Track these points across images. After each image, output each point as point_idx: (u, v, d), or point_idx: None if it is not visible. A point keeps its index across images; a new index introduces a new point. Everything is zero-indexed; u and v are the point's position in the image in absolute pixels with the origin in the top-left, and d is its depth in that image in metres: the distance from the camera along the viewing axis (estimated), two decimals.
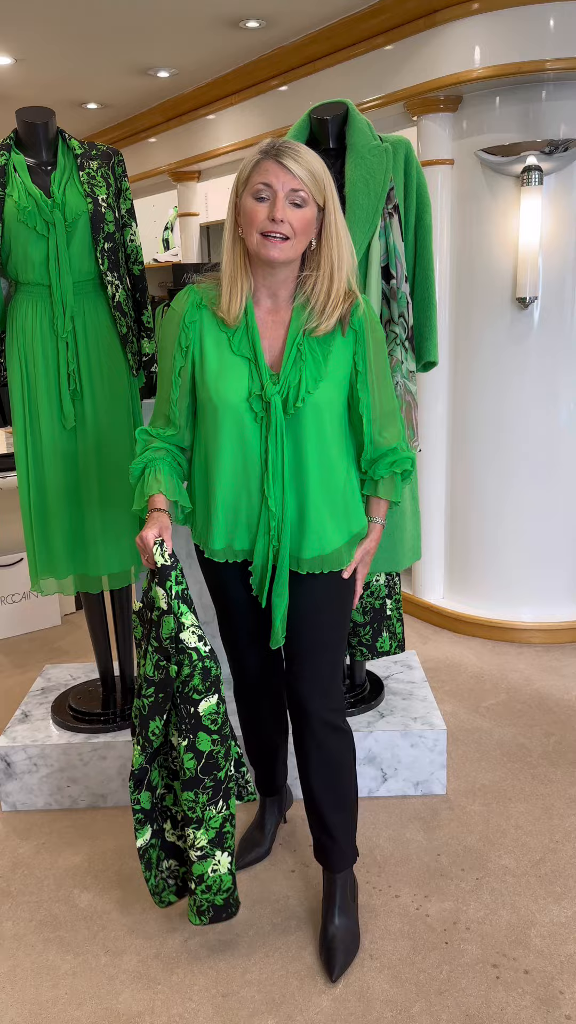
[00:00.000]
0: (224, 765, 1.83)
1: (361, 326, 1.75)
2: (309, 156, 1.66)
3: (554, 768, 2.73)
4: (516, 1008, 1.84)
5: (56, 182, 2.31)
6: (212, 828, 1.84)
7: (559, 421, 3.53)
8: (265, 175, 1.63)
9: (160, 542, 1.71)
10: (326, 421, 1.75)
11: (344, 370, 1.76)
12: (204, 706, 1.79)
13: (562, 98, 3.26)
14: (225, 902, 1.92)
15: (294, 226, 1.64)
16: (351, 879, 2.05)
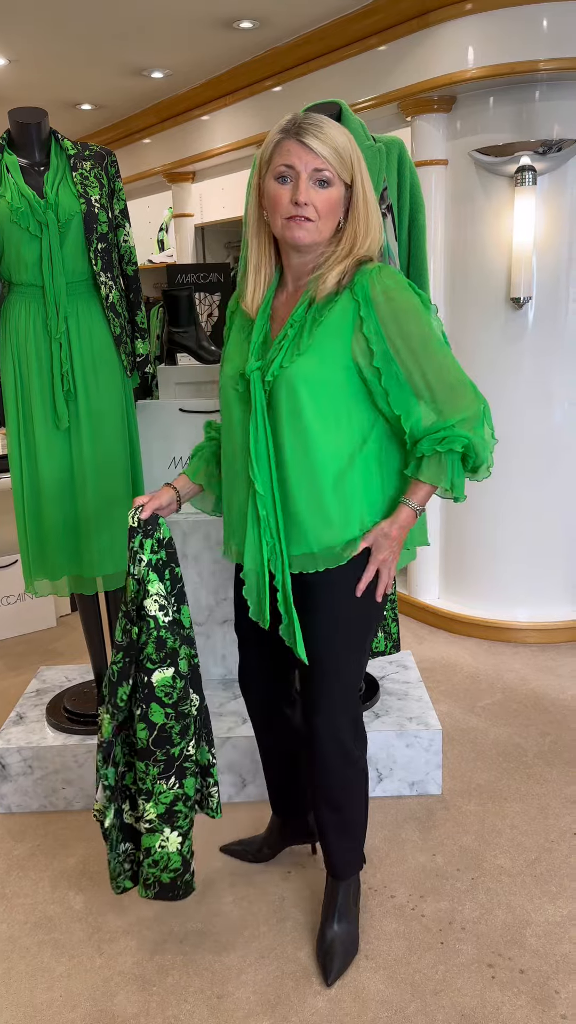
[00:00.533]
0: (179, 742, 1.80)
1: (366, 294, 1.58)
2: (334, 131, 1.56)
3: (550, 768, 2.73)
4: (511, 1008, 1.83)
5: (49, 183, 2.31)
6: (162, 803, 1.81)
7: (554, 421, 3.53)
8: (287, 156, 1.55)
9: (139, 508, 1.76)
10: (304, 397, 1.60)
11: (338, 343, 1.60)
12: (157, 676, 1.76)
13: (555, 98, 3.26)
14: (172, 882, 1.86)
15: (318, 208, 1.56)
16: (354, 884, 2.02)
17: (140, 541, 1.75)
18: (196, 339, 2.95)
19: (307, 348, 1.60)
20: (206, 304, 3.41)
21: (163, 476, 2.83)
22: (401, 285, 1.61)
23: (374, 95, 3.65)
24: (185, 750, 1.82)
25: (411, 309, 1.59)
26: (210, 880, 2.25)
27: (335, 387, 1.62)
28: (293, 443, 1.64)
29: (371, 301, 1.58)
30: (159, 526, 1.77)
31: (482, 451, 1.65)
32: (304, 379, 1.60)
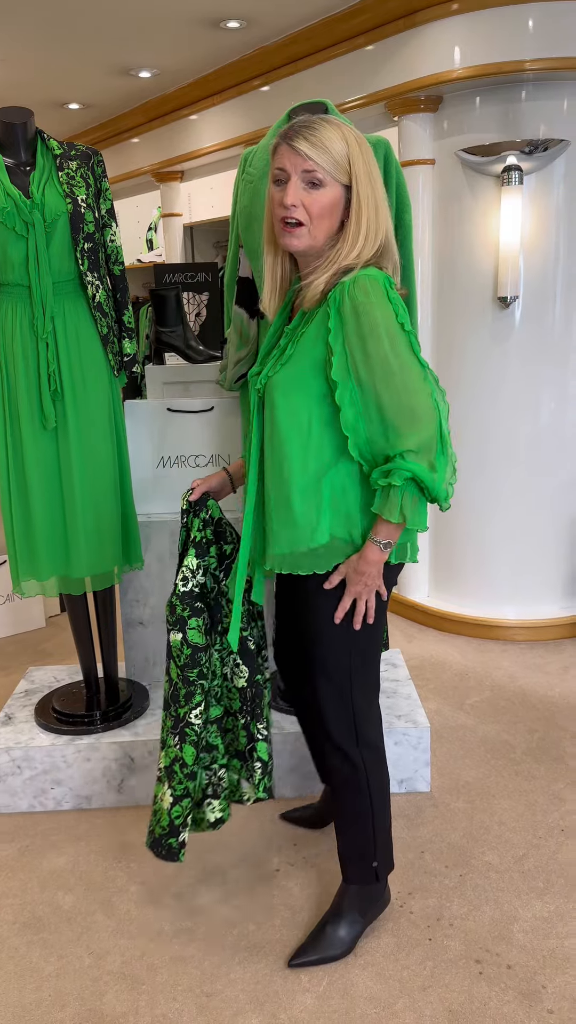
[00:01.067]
0: (184, 705, 1.88)
1: (337, 305, 1.56)
2: (329, 132, 1.54)
3: (537, 764, 2.74)
4: (499, 1003, 1.85)
5: (35, 182, 2.31)
6: (168, 757, 1.91)
7: (541, 420, 3.55)
8: (280, 159, 1.57)
9: (189, 490, 1.92)
10: (282, 408, 1.63)
11: (315, 353, 1.60)
12: (172, 637, 1.90)
13: (541, 98, 3.28)
14: (160, 839, 1.92)
15: (309, 210, 1.55)
16: (363, 895, 1.98)
17: (190, 519, 1.92)
18: (184, 339, 2.95)
19: (288, 358, 1.63)
20: (194, 304, 3.41)
21: (152, 476, 2.83)
22: (371, 298, 1.55)
23: (361, 95, 3.66)
24: (188, 717, 1.89)
25: (377, 328, 1.54)
26: (200, 878, 2.25)
27: (312, 396, 1.61)
28: (271, 448, 1.68)
29: (340, 313, 1.56)
30: (207, 507, 1.91)
31: (431, 483, 1.56)
32: (282, 388, 1.63)
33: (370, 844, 1.93)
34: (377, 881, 1.97)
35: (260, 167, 2.30)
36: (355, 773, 1.86)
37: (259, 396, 1.70)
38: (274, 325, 1.75)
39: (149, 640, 2.88)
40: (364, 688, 1.84)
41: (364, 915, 2.00)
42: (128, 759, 2.53)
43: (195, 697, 1.89)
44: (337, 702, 1.82)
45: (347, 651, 1.78)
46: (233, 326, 2.51)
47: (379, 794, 1.90)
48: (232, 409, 2.79)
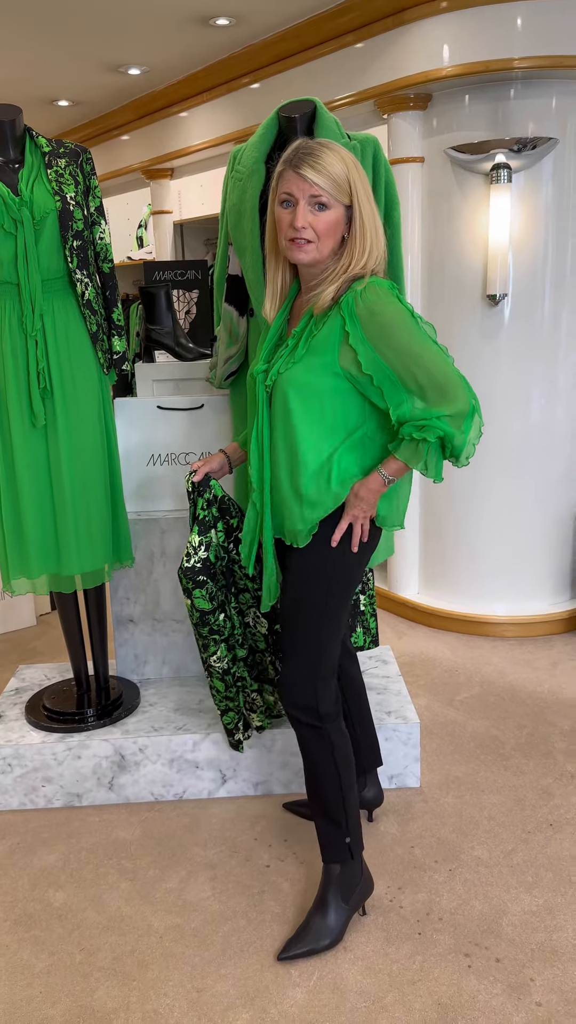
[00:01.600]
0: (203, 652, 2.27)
1: (351, 309, 1.74)
2: (330, 158, 1.73)
3: (526, 760, 2.76)
4: (488, 996, 1.86)
5: (24, 180, 2.30)
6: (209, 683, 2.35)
7: (530, 417, 3.56)
8: (287, 185, 1.74)
9: (192, 472, 2.09)
10: (294, 401, 1.80)
11: (327, 354, 1.77)
12: (185, 601, 2.24)
13: (530, 96, 3.29)
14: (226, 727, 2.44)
15: (317, 230, 1.74)
16: (341, 877, 2.02)
17: (194, 499, 2.10)
18: (174, 336, 2.95)
19: (300, 358, 1.80)
20: (184, 301, 3.41)
21: (142, 474, 2.83)
22: (383, 300, 1.74)
23: (351, 92, 3.67)
24: (209, 660, 2.27)
25: (395, 321, 1.74)
26: (190, 875, 2.26)
27: (324, 392, 1.80)
28: (283, 440, 1.84)
29: (355, 316, 1.74)
30: (210, 487, 2.11)
31: (460, 445, 1.75)
32: (295, 386, 1.80)
33: (341, 812, 1.97)
34: (352, 858, 2.01)
35: (249, 164, 2.31)
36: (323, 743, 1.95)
37: (267, 391, 1.86)
38: (274, 325, 1.91)
39: (140, 638, 2.88)
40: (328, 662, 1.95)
41: (348, 901, 2.03)
42: (119, 757, 2.54)
43: (210, 647, 2.24)
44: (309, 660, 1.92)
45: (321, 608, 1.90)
46: (223, 324, 2.51)
47: (344, 762, 1.97)
48: (222, 407, 2.79)
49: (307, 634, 1.91)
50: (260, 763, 2.55)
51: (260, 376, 1.87)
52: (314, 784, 1.99)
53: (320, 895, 2.02)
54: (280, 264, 1.89)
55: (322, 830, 2.01)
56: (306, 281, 1.87)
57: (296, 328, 1.84)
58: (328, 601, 1.90)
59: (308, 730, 1.95)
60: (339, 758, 1.97)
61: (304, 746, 1.97)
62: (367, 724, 2.35)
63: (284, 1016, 1.82)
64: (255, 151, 2.30)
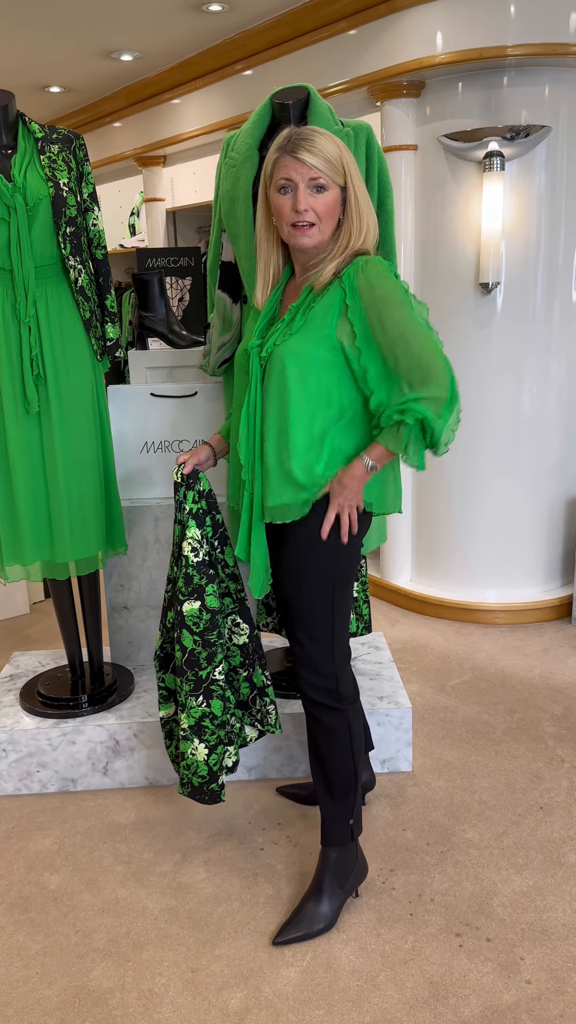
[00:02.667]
0: (206, 667, 2.07)
1: (352, 283, 1.76)
2: (323, 142, 1.75)
3: (517, 744, 2.79)
4: (478, 975, 1.89)
5: (17, 166, 2.30)
6: (192, 716, 2.09)
7: (522, 405, 3.58)
8: (285, 170, 1.76)
9: (181, 464, 2.04)
10: (291, 370, 1.79)
11: (325, 325, 1.77)
12: (187, 607, 2.05)
13: (523, 84, 3.29)
14: (200, 787, 2.12)
15: (318, 211, 1.76)
16: (340, 861, 2.04)
17: (184, 493, 2.04)
18: (167, 323, 2.95)
19: (298, 329, 1.80)
20: (177, 288, 3.41)
21: (136, 461, 2.84)
22: (383, 276, 1.76)
23: (344, 79, 3.66)
24: (212, 675, 2.08)
25: (391, 298, 1.75)
26: (184, 857, 2.28)
27: (320, 364, 1.79)
28: (277, 411, 1.82)
29: (356, 289, 1.76)
30: (199, 480, 2.05)
31: (438, 430, 1.73)
32: (293, 356, 1.79)
33: (351, 793, 2.00)
34: (352, 840, 2.03)
35: (242, 151, 2.30)
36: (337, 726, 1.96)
37: (262, 364, 1.84)
38: (267, 307, 1.90)
39: (133, 624, 2.89)
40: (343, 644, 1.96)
41: (343, 887, 2.05)
42: (113, 742, 2.55)
43: (216, 656, 2.09)
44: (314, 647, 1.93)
45: (321, 595, 1.90)
46: (216, 311, 2.51)
47: (358, 743, 2.00)
48: (215, 394, 2.80)
49: (318, 625, 1.91)
50: (254, 748, 2.57)
51: (255, 350, 1.86)
52: (328, 765, 1.98)
53: (316, 880, 2.04)
54: (272, 251, 1.90)
55: (327, 812, 2.02)
56: (302, 264, 1.87)
57: (293, 304, 1.84)
58: (333, 589, 1.91)
59: (329, 712, 1.95)
60: (355, 739, 1.99)
61: (321, 729, 1.96)
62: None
63: (278, 995, 1.85)
64: (248, 138, 2.29)
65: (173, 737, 2.22)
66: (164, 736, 2.24)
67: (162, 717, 2.23)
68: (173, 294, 3.40)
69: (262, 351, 1.84)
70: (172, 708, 2.21)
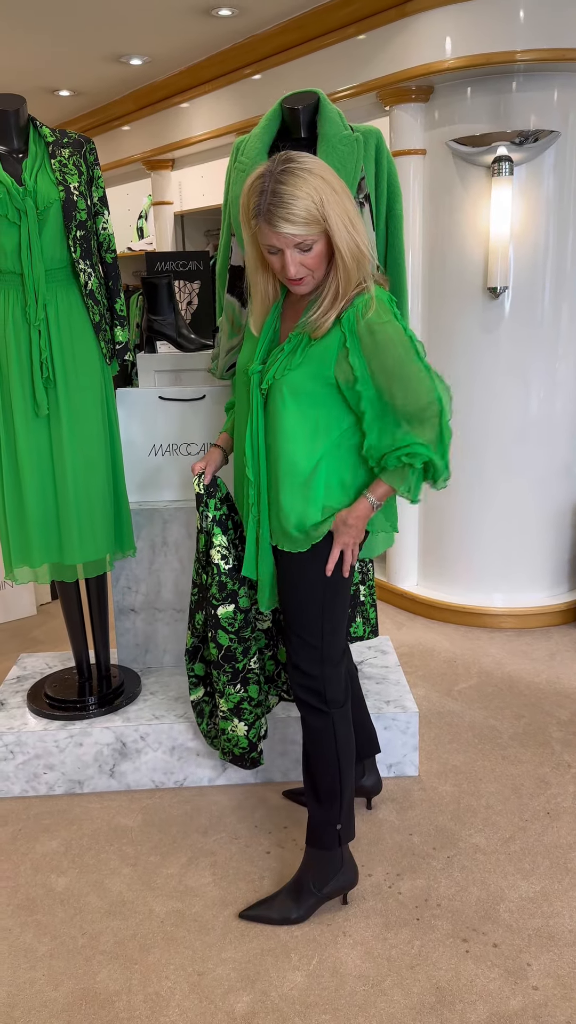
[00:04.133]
0: (242, 659, 2.22)
1: (352, 327, 1.78)
2: (299, 203, 1.68)
3: (523, 749, 2.78)
4: (485, 980, 1.88)
5: (28, 170, 2.31)
6: (231, 701, 2.26)
7: (529, 410, 3.58)
8: (267, 238, 1.75)
9: (200, 474, 2.08)
10: (289, 406, 1.83)
11: (324, 364, 1.80)
12: (221, 611, 2.17)
13: (532, 89, 3.29)
14: (241, 755, 2.33)
15: (309, 266, 1.77)
16: (319, 862, 2.04)
17: (206, 502, 2.10)
18: (176, 327, 2.95)
19: (297, 365, 1.83)
20: (186, 292, 3.41)
21: (144, 464, 2.84)
22: (384, 319, 1.78)
23: (353, 84, 3.66)
24: (247, 665, 2.23)
25: (390, 342, 1.78)
26: (191, 860, 2.28)
27: (317, 400, 1.84)
28: (277, 442, 1.86)
29: (356, 334, 1.78)
30: (219, 487, 2.11)
31: (442, 469, 1.85)
32: (292, 391, 1.83)
33: (336, 799, 2.00)
34: (339, 845, 2.04)
35: (252, 155, 2.31)
36: (324, 730, 1.99)
37: (262, 393, 1.87)
38: (267, 325, 1.91)
39: (141, 627, 2.90)
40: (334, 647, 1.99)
41: (321, 888, 2.05)
42: (120, 744, 2.56)
43: (252, 649, 2.24)
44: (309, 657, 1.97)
45: (318, 612, 1.94)
46: (225, 314, 2.52)
47: (345, 748, 2.01)
48: (223, 397, 2.80)
49: (310, 625, 1.94)
50: None
51: (256, 377, 1.88)
52: (312, 767, 2.02)
53: (297, 876, 2.07)
54: (267, 282, 1.89)
55: (313, 814, 2.04)
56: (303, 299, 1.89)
57: (293, 332, 1.85)
58: (324, 594, 1.93)
59: (313, 713, 1.98)
60: (340, 745, 1.99)
61: (307, 730, 2.00)
62: (361, 710, 2.38)
63: (284, 999, 1.85)
64: (258, 142, 2.30)
65: (204, 716, 2.41)
66: (195, 716, 2.41)
67: (193, 700, 2.38)
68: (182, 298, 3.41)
69: (262, 382, 1.87)
70: (202, 691, 2.38)
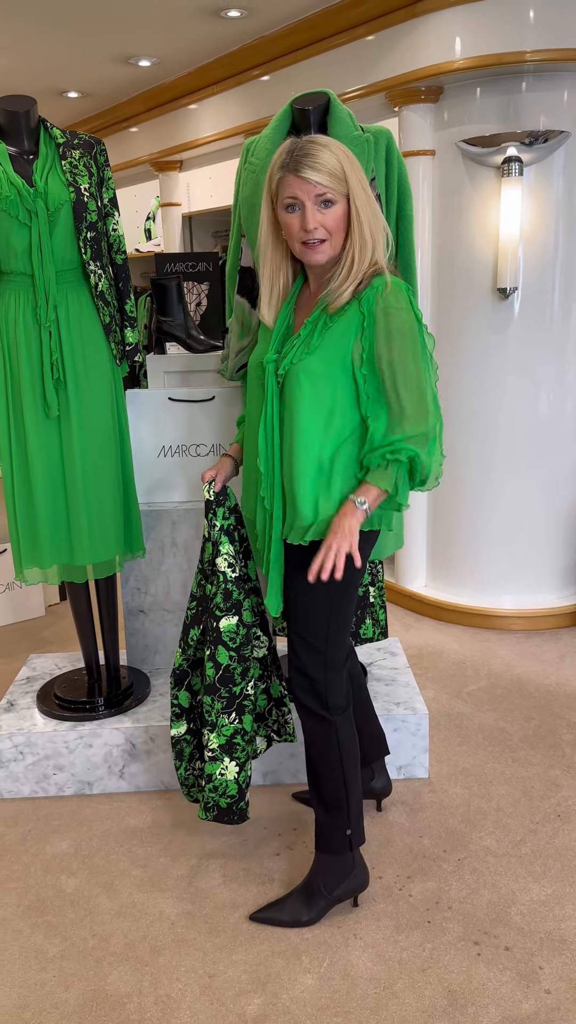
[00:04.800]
0: (240, 682, 2.09)
1: (371, 308, 1.76)
2: (325, 155, 1.73)
3: (534, 751, 2.77)
4: (497, 984, 1.88)
5: (38, 171, 2.31)
6: (223, 735, 2.09)
7: (539, 411, 3.57)
8: (290, 189, 1.74)
9: (210, 482, 2.05)
10: (307, 390, 1.79)
11: (342, 346, 1.77)
12: (224, 623, 2.07)
13: (542, 89, 3.29)
14: (228, 807, 2.12)
15: (328, 227, 1.76)
16: (329, 866, 2.04)
17: (215, 510, 2.06)
18: (185, 328, 2.95)
19: (315, 348, 1.80)
20: (194, 293, 3.42)
21: (153, 465, 2.84)
22: (401, 304, 1.77)
23: (362, 85, 3.66)
24: (244, 690, 2.10)
25: (404, 331, 1.76)
26: (201, 862, 2.28)
27: (335, 386, 1.80)
28: (294, 431, 1.82)
29: (373, 315, 1.76)
30: (228, 496, 2.08)
31: (428, 465, 1.78)
32: (309, 375, 1.79)
33: (343, 804, 1.99)
34: (350, 850, 2.03)
35: (262, 157, 2.31)
36: (327, 735, 1.96)
37: (278, 381, 1.84)
38: (281, 317, 1.89)
39: (150, 628, 2.90)
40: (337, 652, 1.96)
41: (331, 891, 2.04)
42: (130, 745, 2.56)
43: (251, 670, 2.12)
44: (312, 659, 1.94)
45: (324, 614, 1.91)
46: (235, 316, 2.52)
47: (349, 754, 1.99)
48: (233, 399, 2.80)
49: (314, 628, 1.92)
50: (269, 753, 2.57)
51: (271, 366, 1.85)
52: (316, 774, 1.99)
53: (307, 879, 2.06)
54: (280, 264, 1.88)
55: (321, 820, 2.03)
56: (318, 273, 1.87)
57: (309, 318, 1.83)
58: (332, 599, 1.91)
59: (314, 719, 1.96)
60: (344, 750, 1.97)
61: (309, 735, 1.98)
62: (369, 713, 2.36)
63: (295, 1002, 1.84)
64: (269, 143, 2.30)
65: (183, 758, 2.21)
66: (174, 757, 2.21)
67: (173, 736, 2.20)
68: (191, 299, 3.41)
69: (279, 368, 1.84)
70: (184, 727, 2.20)
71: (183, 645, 2.17)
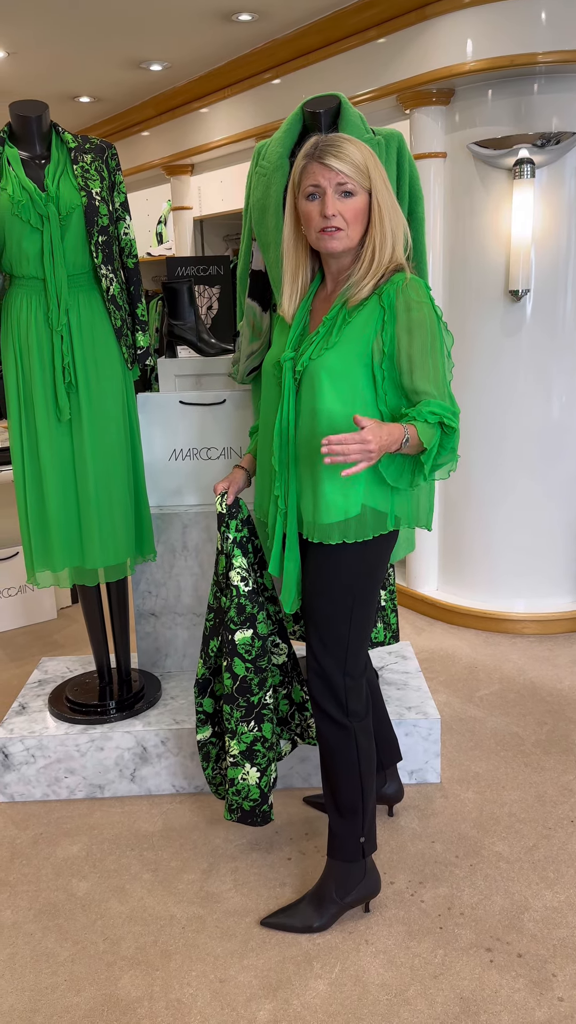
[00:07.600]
0: (257, 692, 2.09)
1: (391, 303, 1.76)
2: (350, 147, 1.75)
3: (547, 756, 2.75)
4: (510, 991, 1.86)
5: (50, 175, 2.32)
6: (243, 742, 2.10)
7: (551, 413, 3.55)
8: (312, 176, 1.76)
9: (223, 494, 2.05)
10: (325, 389, 1.78)
11: (362, 341, 1.77)
12: (239, 636, 2.07)
13: (554, 91, 3.27)
14: (252, 810, 2.13)
15: (346, 216, 1.76)
16: (342, 873, 2.03)
17: (227, 522, 2.06)
18: (196, 332, 2.96)
19: (334, 344, 1.79)
20: (206, 297, 3.42)
21: (164, 468, 2.85)
22: (422, 300, 1.77)
23: (373, 88, 3.66)
24: (263, 699, 2.10)
25: (424, 325, 1.76)
26: (212, 866, 2.27)
27: (354, 380, 1.79)
28: (310, 427, 1.81)
29: (394, 309, 1.76)
30: (240, 508, 2.07)
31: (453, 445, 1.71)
32: (328, 371, 1.79)
33: (358, 811, 1.98)
34: (363, 857, 2.02)
35: (273, 160, 2.31)
36: (345, 742, 1.95)
37: (295, 378, 1.83)
38: (298, 316, 1.89)
39: (161, 631, 2.90)
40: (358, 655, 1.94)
41: (343, 897, 2.03)
42: (141, 749, 2.56)
43: (268, 680, 2.12)
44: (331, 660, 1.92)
45: (344, 612, 1.89)
46: (246, 319, 2.52)
47: (367, 762, 1.98)
48: (244, 402, 2.80)
49: (332, 636, 1.91)
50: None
51: (288, 364, 1.84)
52: (332, 780, 1.98)
53: (318, 885, 2.05)
54: (301, 260, 1.89)
55: (335, 826, 2.01)
56: (335, 273, 1.87)
57: (327, 315, 1.83)
58: (353, 603, 1.89)
59: (333, 726, 1.94)
60: (362, 757, 1.96)
61: (326, 741, 1.97)
62: (382, 719, 2.35)
63: (307, 1007, 1.83)
64: (280, 146, 2.30)
65: (210, 759, 2.24)
66: (201, 759, 2.24)
67: (199, 740, 2.22)
68: (202, 302, 3.41)
69: (296, 365, 1.83)
70: (209, 731, 2.22)
71: (204, 656, 2.19)
